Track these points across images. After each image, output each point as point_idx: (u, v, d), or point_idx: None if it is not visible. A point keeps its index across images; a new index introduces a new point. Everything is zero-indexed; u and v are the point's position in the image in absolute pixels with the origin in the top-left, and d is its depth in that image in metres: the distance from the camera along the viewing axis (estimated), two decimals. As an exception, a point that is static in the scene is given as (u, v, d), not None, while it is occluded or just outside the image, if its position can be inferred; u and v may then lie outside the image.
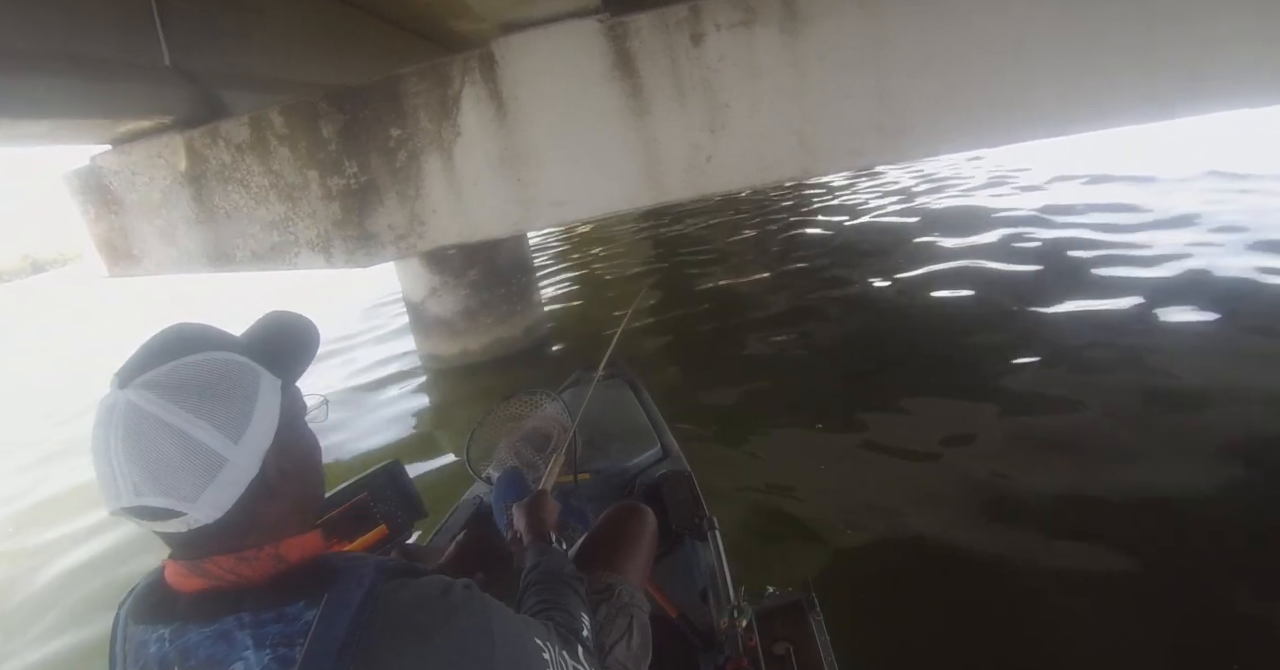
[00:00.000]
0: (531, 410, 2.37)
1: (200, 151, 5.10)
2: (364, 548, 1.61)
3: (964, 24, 3.81)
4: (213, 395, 0.75)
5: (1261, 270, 5.25)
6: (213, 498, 0.73)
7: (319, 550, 0.84)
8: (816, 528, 3.22)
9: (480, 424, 2.36)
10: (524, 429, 2.27)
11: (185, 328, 0.82)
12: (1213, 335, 4.44)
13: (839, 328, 5.89)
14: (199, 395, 0.74)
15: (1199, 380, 3.88)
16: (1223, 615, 2.42)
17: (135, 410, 0.72)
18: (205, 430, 0.73)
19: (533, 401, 2.40)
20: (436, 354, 6.49)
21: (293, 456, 0.83)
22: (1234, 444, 3.28)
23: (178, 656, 0.74)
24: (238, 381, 0.77)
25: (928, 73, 3.89)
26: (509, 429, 2.30)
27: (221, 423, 0.74)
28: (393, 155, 4.75)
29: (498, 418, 2.37)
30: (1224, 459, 3.20)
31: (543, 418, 2.30)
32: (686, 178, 4.34)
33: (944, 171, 12.21)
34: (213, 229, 5.31)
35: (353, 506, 1.63)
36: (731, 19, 4.00)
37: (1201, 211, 7.03)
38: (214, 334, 0.82)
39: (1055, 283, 5.78)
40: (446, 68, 4.44)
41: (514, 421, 2.34)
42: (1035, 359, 4.53)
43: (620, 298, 8.37)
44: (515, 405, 2.40)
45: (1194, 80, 3.70)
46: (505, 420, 2.36)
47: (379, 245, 5.08)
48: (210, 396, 0.74)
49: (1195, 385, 3.84)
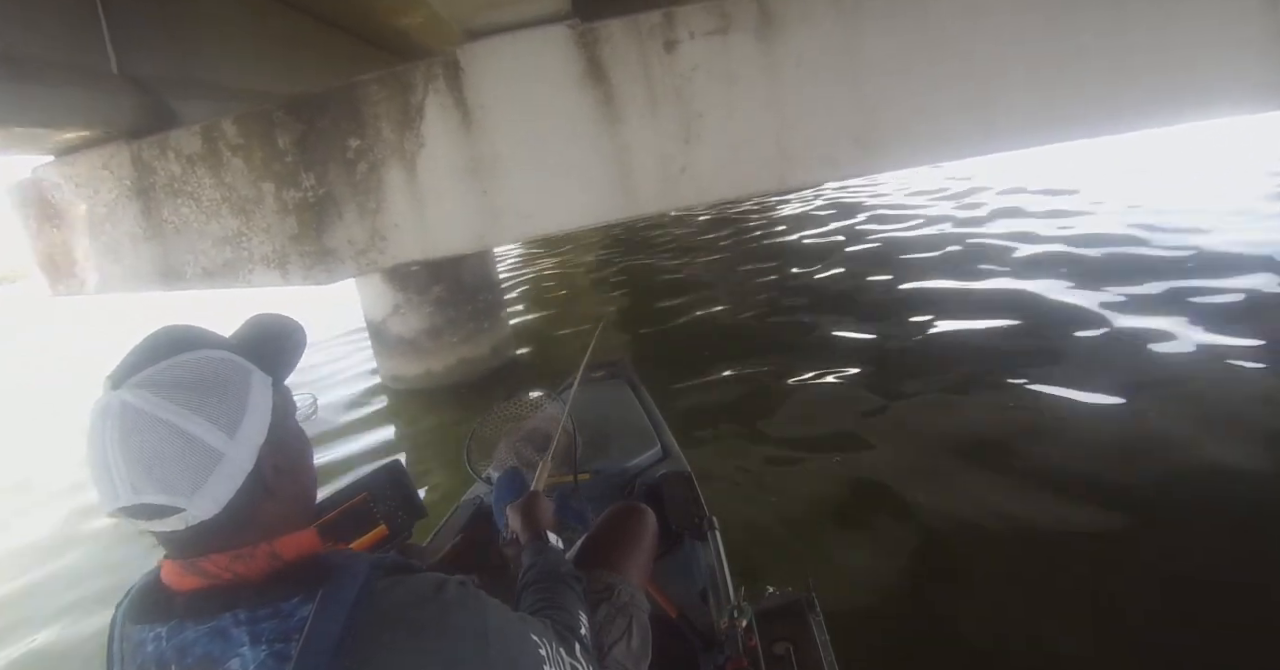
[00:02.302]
0: (531, 410, 2.42)
1: (148, 163, 4.86)
2: (364, 548, 1.58)
3: (940, 32, 3.75)
4: (206, 391, 0.76)
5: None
6: (210, 492, 0.74)
7: (315, 548, 0.84)
8: (816, 528, 3.23)
9: (480, 424, 2.39)
10: (524, 429, 2.31)
11: (175, 329, 0.83)
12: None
13: (838, 327, 5.91)
14: (193, 391, 0.75)
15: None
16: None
17: (130, 409, 0.73)
18: (201, 425, 0.74)
19: (533, 402, 2.44)
20: (399, 375, 6.26)
21: (286, 453, 0.84)
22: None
23: (174, 654, 0.75)
24: (230, 378, 0.79)
25: (905, 81, 3.82)
26: (509, 429, 2.34)
27: (216, 417, 0.75)
28: (352, 167, 4.55)
29: (498, 418, 2.41)
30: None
31: (543, 418, 2.33)
32: (660, 189, 4.20)
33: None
34: (161, 245, 5.05)
35: (352, 507, 1.63)
36: (706, 26, 3.89)
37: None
38: (203, 334, 0.83)
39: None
40: (409, 75, 4.27)
41: (514, 421, 2.38)
42: (1036, 358, 4.56)
43: (588, 310, 8.31)
44: (515, 405, 2.45)
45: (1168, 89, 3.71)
46: (505, 420, 2.40)
47: (338, 261, 4.86)
48: (204, 392, 0.75)
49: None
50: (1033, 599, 2.61)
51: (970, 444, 3.69)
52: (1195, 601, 2.47)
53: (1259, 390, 3.78)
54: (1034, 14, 3.66)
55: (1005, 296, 6.01)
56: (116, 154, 4.87)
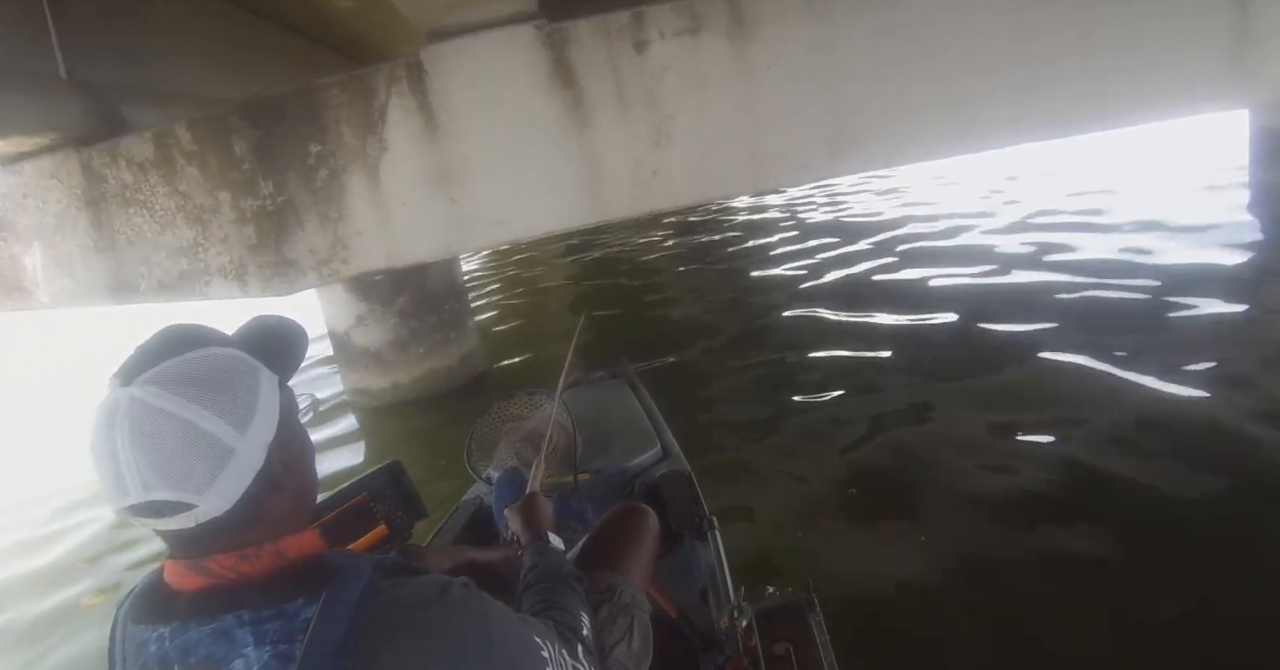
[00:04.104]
0: (531, 410, 2.40)
1: (99, 171, 4.67)
2: (364, 548, 1.59)
3: (914, 31, 3.70)
4: (217, 387, 0.75)
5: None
6: (222, 489, 0.74)
7: (318, 548, 0.84)
8: (817, 528, 3.25)
9: (480, 424, 2.40)
10: (524, 429, 2.31)
11: (182, 326, 0.82)
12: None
13: (836, 326, 5.95)
14: (203, 388, 0.74)
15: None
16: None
17: (141, 405, 0.72)
18: (212, 421, 0.73)
19: (533, 402, 2.42)
20: (364, 388, 6.09)
21: (292, 451, 0.84)
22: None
23: (178, 655, 0.74)
24: (240, 375, 0.78)
25: (881, 80, 3.77)
26: (509, 429, 2.34)
27: (227, 414, 0.75)
28: (312, 173, 4.40)
29: (498, 418, 2.41)
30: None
31: (543, 418, 2.29)
32: (631, 193, 4.11)
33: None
34: (113, 257, 4.85)
35: (353, 507, 1.61)
36: (676, 26, 3.81)
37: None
38: (210, 332, 0.83)
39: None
40: (371, 78, 4.14)
41: (514, 421, 2.38)
42: (1037, 358, 4.57)
43: (558, 316, 8.26)
44: (515, 405, 2.44)
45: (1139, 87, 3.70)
46: (505, 420, 2.39)
47: (299, 272, 4.70)
48: (214, 389, 0.75)
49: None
50: (1033, 599, 2.61)
51: (971, 442, 3.69)
52: (1199, 616, 2.46)
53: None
54: (1008, 13, 3.63)
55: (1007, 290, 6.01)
56: (65, 162, 4.67)
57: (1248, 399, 3.63)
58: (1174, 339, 4.50)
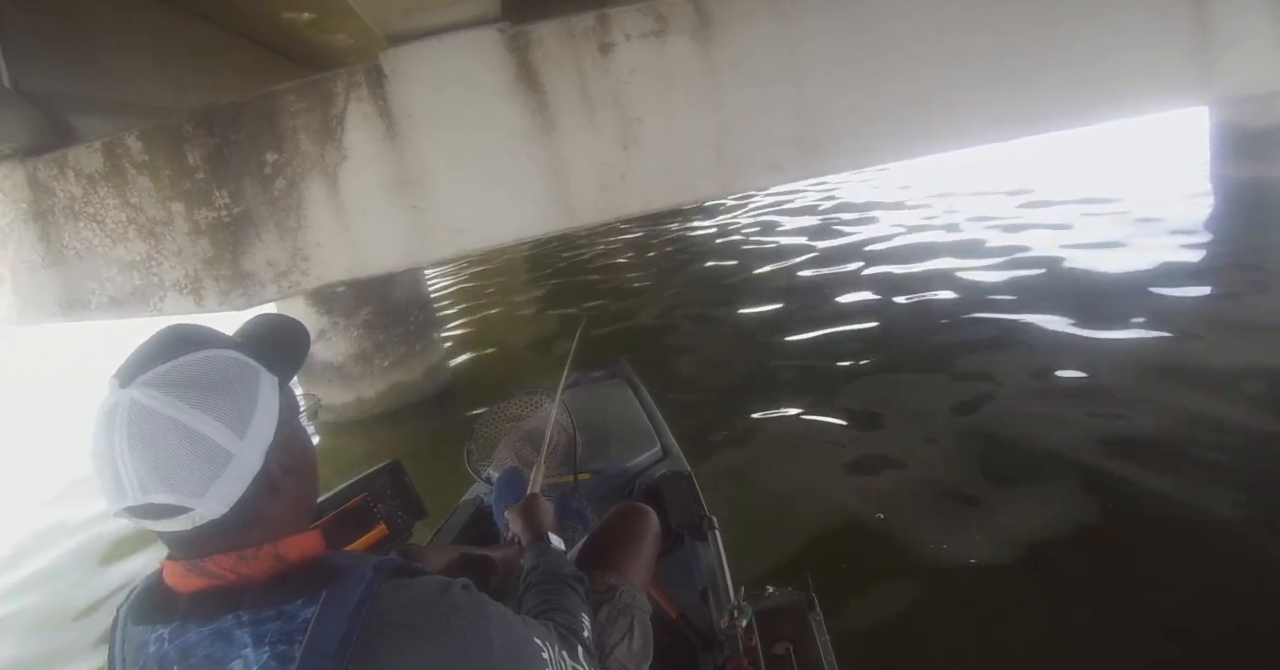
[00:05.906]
0: (531, 410, 2.39)
1: (45, 184, 4.50)
2: (364, 548, 1.58)
3: (886, 26, 3.70)
4: (216, 391, 0.75)
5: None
6: (219, 492, 0.74)
7: (318, 549, 0.83)
8: (817, 528, 3.21)
9: (480, 424, 2.38)
10: (524, 429, 2.29)
11: (182, 328, 0.81)
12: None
13: (835, 325, 5.77)
14: (202, 391, 0.74)
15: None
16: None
17: (139, 408, 0.72)
18: (210, 425, 0.73)
19: (532, 402, 2.41)
20: (328, 404, 5.91)
21: (291, 453, 0.83)
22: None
23: (177, 656, 0.74)
24: (239, 377, 0.78)
25: (849, 79, 3.76)
26: (509, 429, 2.32)
27: (226, 417, 0.74)
28: (269, 183, 4.27)
29: (498, 418, 2.39)
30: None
31: (543, 418, 2.27)
32: (599, 198, 4.04)
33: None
34: (62, 272, 4.68)
35: (353, 507, 1.60)
36: (642, 28, 3.77)
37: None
38: (211, 333, 0.82)
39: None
40: (329, 83, 4.03)
41: (514, 422, 2.36)
42: (1040, 356, 4.49)
43: (527, 325, 8.16)
44: (515, 405, 2.42)
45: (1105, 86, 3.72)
46: (505, 420, 2.38)
47: (257, 285, 4.56)
48: (213, 392, 0.75)
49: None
50: (1033, 599, 2.60)
51: (972, 444, 3.65)
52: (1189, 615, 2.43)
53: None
54: (972, 11, 3.63)
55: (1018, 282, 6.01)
56: (10, 174, 4.51)
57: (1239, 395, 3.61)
58: (1140, 327, 4.48)
